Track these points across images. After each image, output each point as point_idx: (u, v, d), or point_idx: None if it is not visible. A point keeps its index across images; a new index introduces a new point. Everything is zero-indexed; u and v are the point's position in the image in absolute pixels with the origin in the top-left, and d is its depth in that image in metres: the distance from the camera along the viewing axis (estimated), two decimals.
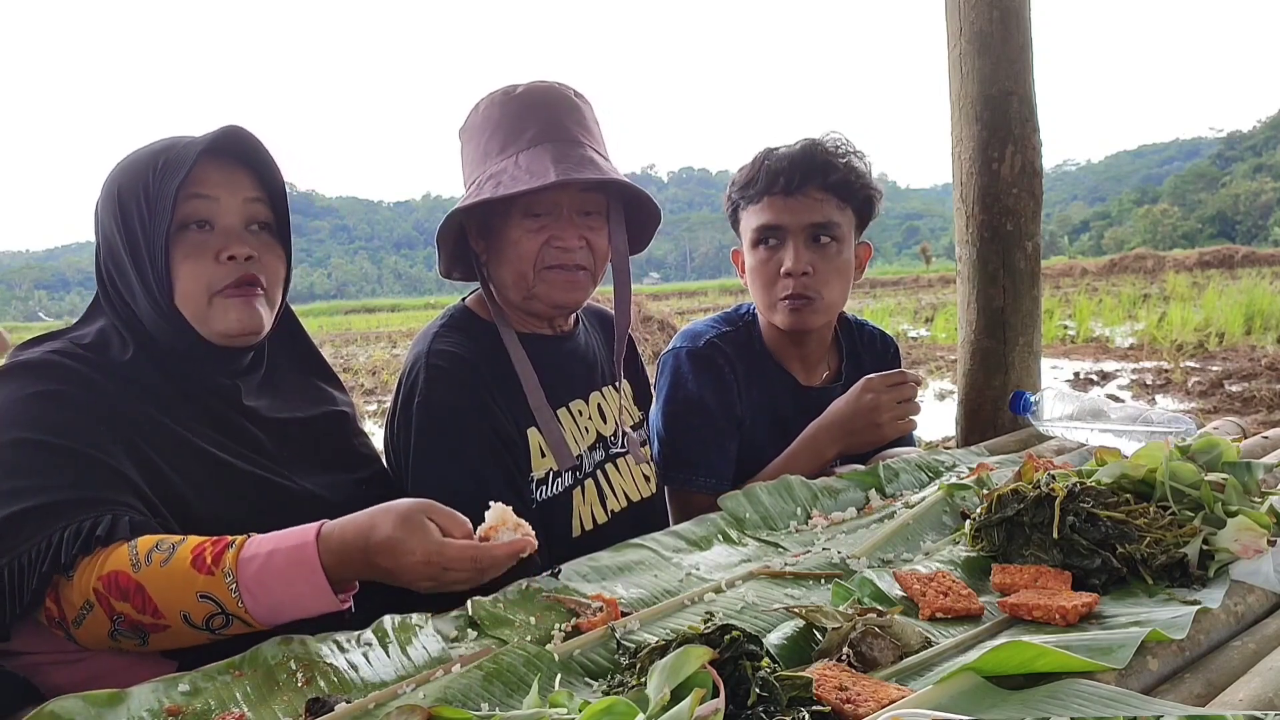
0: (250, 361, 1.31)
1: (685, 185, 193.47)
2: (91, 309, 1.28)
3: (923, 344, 11.52)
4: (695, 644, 0.81)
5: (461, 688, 0.87)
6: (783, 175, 1.73)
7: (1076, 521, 1.12)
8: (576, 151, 1.41)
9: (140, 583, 1.00)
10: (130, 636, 1.03)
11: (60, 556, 1.01)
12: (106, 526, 1.03)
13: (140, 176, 1.21)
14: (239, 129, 1.25)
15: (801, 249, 1.74)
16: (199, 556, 1.01)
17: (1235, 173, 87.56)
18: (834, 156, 1.74)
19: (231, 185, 1.24)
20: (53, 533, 1.02)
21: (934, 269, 35.31)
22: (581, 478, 1.54)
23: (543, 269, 1.44)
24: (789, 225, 1.74)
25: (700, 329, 1.91)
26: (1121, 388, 7.77)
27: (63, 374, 1.14)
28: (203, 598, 1.00)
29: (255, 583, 1.00)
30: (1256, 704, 0.78)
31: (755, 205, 1.78)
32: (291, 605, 1.01)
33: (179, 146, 1.22)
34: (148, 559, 1.01)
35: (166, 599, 1.00)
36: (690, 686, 0.74)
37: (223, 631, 1.02)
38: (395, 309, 39.11)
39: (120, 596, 1.00)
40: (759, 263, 1.79)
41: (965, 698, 0.77)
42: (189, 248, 1.21)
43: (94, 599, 1.01)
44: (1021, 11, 2.06)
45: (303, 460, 1.31)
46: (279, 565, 1.01)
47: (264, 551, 1.01)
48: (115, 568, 1.01)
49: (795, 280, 1.74)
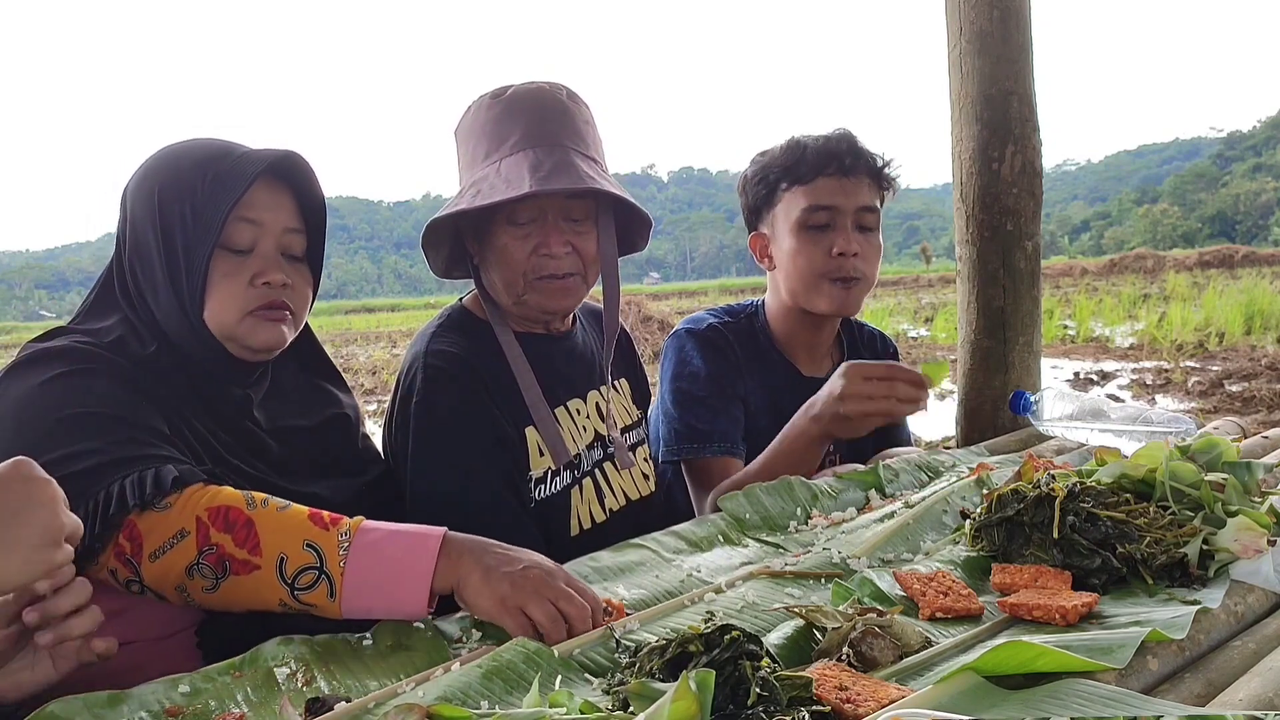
0: (261, 371, 1.31)
1: (685, 185, 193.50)
2: (100, 301, 1.25)
3: (923, 344, 11.52)
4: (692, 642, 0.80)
5: (461, 686, 0.87)
6: (844, 156, 1.75)
7: (1076, 521, 1.12)
8: (558, 157, 1.37)
9: (251, 518, 1.02)
10: (208, 575, 1.02)
11: (128, 499, 1.01)
12: (178, 470, 1.04)
13: (186, 182, 1.19)
14: (296, 155, 1.25)
15: (852, 231, 1.76)
16: (317, 514, 1.04)
17: (1235, 173, 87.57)
18: (867, 146, 1.79)
19: (276, 211, 1.24)
20: (114, 481, 1.02)
21: (934, 269, 35.32)
22: (580, 477, 1.54)
23: (533, 279, 1.43)
24: (843, 206, 1.75)
25: (703, 315, 1.93)
26: (1121, 388, 7.77)
27: (94, 358, 1.13)
28: (308, 546, 1.01)
29: (368, 552, 1.01)
30: (1256, 704, 0.78)
31: (805, 185, 1.77)
32: (385, 589, 1.01)
33: (232, 159, 1.20)
34: (264, 503, 1.04)
35: (273, 539, 1.01)
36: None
37: (300, 596, 1.01)
38: (395, 309, 39.11)
39: (224, 528, 1.02)
40: (806, 243, 1.77)
41: (965, 698, 0.77)
42: (228, 267, 1.20)
43: (192, 528, 1.02)
44: (1021, 11, 2.06)
45: (306, 466, 1.31)
46: (396, 546, 1.02)
47: (386, 529, 1.04)
48: (228, 502, 1.03)
49: (847, 261, 1.75)
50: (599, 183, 1.38)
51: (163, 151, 1.24)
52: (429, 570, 1.01)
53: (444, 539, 1.04)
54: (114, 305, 1.24)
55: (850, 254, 1.75)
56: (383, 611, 1.03)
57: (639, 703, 0.77)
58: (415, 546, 1.02)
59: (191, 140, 1.26)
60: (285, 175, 1.25)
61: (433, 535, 1.04)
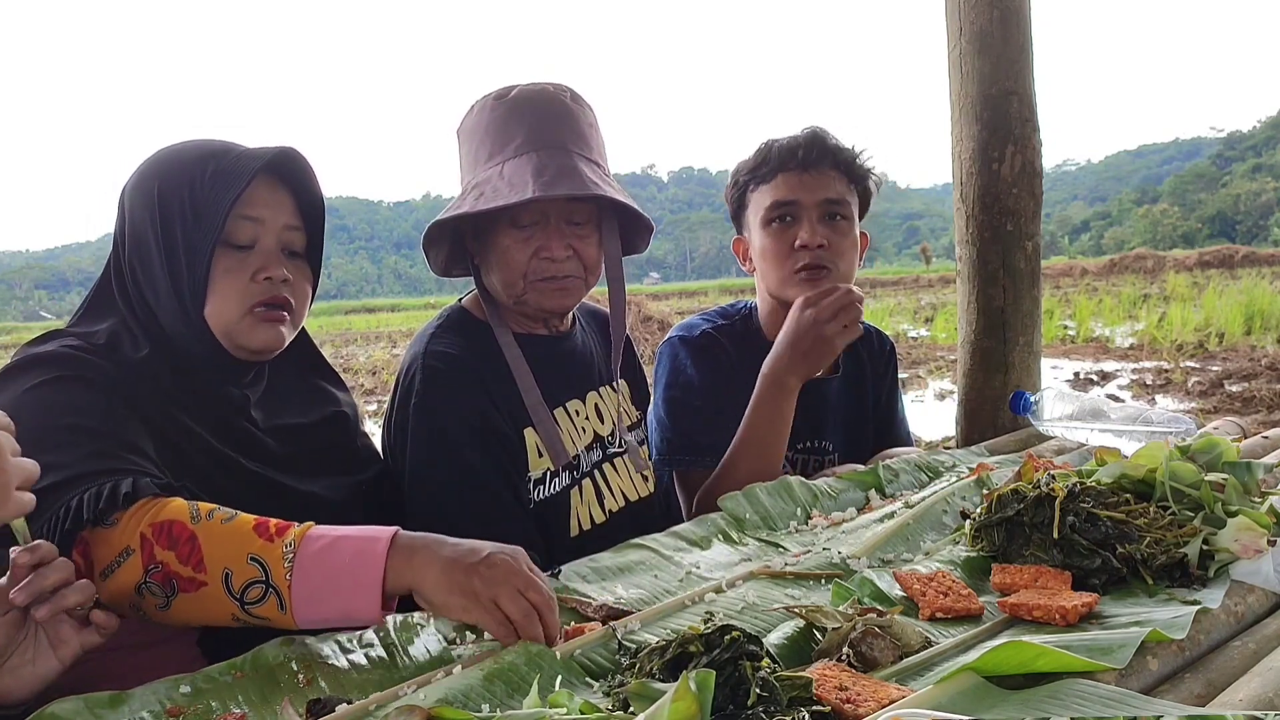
0: (257, 370, 1.31)
1: (685, 185, 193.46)
2: (97, 302, 1.25)
3: (923, 344, 11.51)
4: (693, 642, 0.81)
5: (462, 688, 0.87)
6: (799, 150, 1.75)
7: (1076, 521, 1.12)
8: (561, 161, 1.38)
9: (195, 533, 0.99)
10: (158, 592, 1.00)
11: (83, 514, 0.99)
12: (130, 485, 1.02)
13: (186, 179, 1.19)
14: (295, 152, 1.24)
15: (816, 224, 1.75)
16: (263, 525, 1.00)
17: (1235, 173, 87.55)
18: (840, 141, 1.79)
19: (275, 208, 1.24)
20: (72, 497, 1.00)
21: (934, 269, 35.30)
22: (579, 477, 1.54)
23: (533, 280, 1.44)
24: (804, 200, 1.75)
25: (695, 321, 1.93)
26: (1121, 388, 7.76)
27: (79, 364, 1.13)
28: (252, 560, 0.98)
29: (312, 561, 0.97)
30: (1256, 704, 0.78)
31: (767, 184, 1.78)
32: (335, 598, 0.97)
33: (231, 156, 1.20)
34: (209, 515, 1.01)
35: (216, 554, 0.98)
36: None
37: (251, 610, 0.98)
38: (395, 309, 39.09)
39: (167, 544, 0.99)
40: (772, 239, 1.78)
41: (965, 698, 0.77)
42: (229, 263, 1.20)
43: (136, 545, 0.99)
44: (1021, 11, 2.06)
45: (305, 464, 1.30)
46: (344, 552, 0.98)
47: (332, 535, 1.00)
48: (171, 517, 1.00)
49: (810, 252, 1.74)
50: (601, 188, 1.38)
51: (161, 152, 1.24)
52: (379, 574, 0.97)
53: (393, 539, 0.99)
54: (110, 307, 1.24)
55: (814, 245, 1.73)
56: (338, 619, 0.99)
57: (639, 703, 0.77)
58: (363, 551, 0.98)
59: (189, 140, 1.26)
60: (284, 172, 1.26)
61: (381, 537, 0.99)
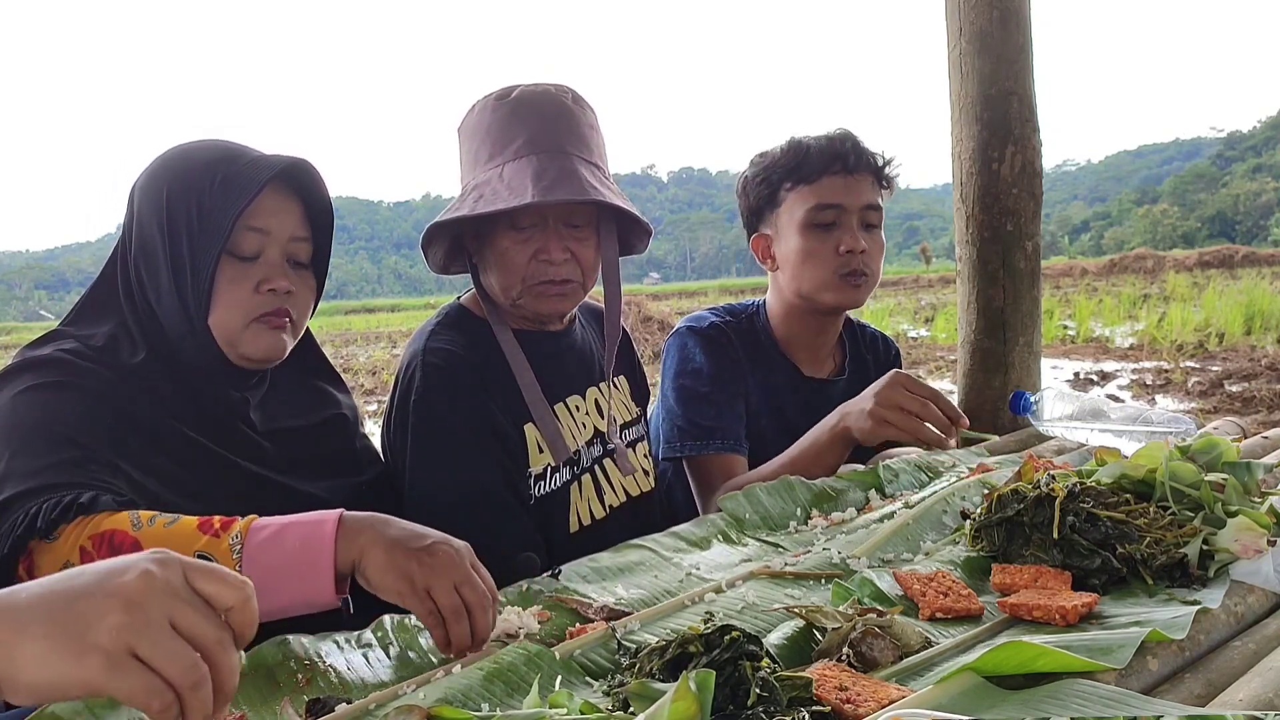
0: (259, 375, 1.31)
1: (685, 185, 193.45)
2: (97, 300, 1.25)
3: (923, 344, 11.51)
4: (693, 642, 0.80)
5: (462, 688, 0.87)
6: (849, 155, 1.77)
7: (1076, 521, 1.12)
8: (561, 165, 1.38)
9: (137, 539, 0.97)
10: None
11: (36, 523, 0.97)
12: (89, 498, 1.00)
13: (195, 184, 1.18)
14: (307, 164, 1.24)
15: (857, 229, 1.78)
16: (207, 522, 0.99)
17: (1235, 173, 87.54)
18: (869, 146, 1.81)
19: (283, 219, 1.24)
20: (30, 506, 0.99)
21: (934, 269, 35.29)
22: (579, 473, 1.54)
23: (531, 284, 1.44)
24: (848, 205, 1.77)
25: (704, 314, 1.94)
26: (1121, 388, 7.76)
27: (72, 370, 1.13)
28: (199, 557, 0.94)
29: (260, 550, 0.96)
30: (1256, 704, 0.78)
31: (809, 185, 1.79)
32: (287, 585, 0.96)
33: (242, 163, 1.20)
34: (150, 521, 0.99)
35: None
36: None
37: None
38: (395, 309, 39.08)
39: (109, 554, 0.96)
40: (813, 243, 1.79)
41: (965, 698, 0.77)
42: (234, 273, 1.20)
43: (76, 558, 0.97)
44: (1021, 11, 2.07)
45: (305, 467, 1.30)
46: (291, 538, 0.97)
47: (278, 523, 0.99)
48: (112, 527, 0.98)
49: (856, 257, 1.77)
50: (601, 193, 1.38)
51: (172, 151, 1.24)
52: (329, 556, 0.96)
53: (340, 519, 0.99)
54: (112, 306, 1.24)
55: (858, 251, 1.77)
56: (298, 606, 0.98)
57: (639, 703, 0.77)
58: (310, 534, 0.97)
59: (201, 141, 1.25)
60: (294, 183, 1.25)
61: (328, 519, 0.99)
